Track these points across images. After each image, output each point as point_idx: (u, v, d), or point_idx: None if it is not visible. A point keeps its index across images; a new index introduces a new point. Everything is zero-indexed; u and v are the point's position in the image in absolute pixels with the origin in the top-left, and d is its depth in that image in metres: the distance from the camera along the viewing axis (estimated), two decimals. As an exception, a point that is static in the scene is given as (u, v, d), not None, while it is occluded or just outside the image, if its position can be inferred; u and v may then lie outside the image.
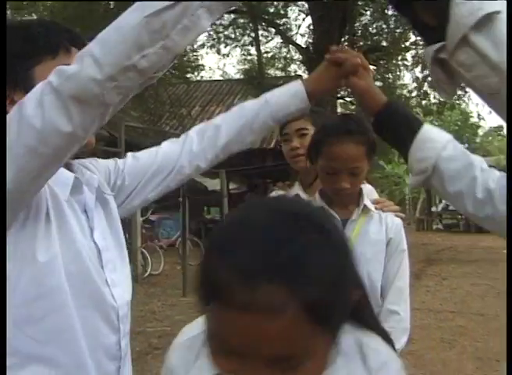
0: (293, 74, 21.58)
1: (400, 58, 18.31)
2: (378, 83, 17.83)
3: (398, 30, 16.58)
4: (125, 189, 1.67)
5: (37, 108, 1.14)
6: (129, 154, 1.72)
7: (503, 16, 0.84)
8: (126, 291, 1.50)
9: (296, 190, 2.73)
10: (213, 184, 15.91)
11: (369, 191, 2.72)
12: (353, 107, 19.58)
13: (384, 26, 17.16)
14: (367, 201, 2.33)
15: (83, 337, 1.34)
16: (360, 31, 17.63)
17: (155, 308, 8.86)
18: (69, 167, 1.48)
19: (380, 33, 17.12)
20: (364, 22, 17.62)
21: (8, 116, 1.18)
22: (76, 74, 1.12)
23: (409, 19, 1.04)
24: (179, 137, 1.74)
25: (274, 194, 2.81)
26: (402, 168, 32.74)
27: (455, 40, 0.89)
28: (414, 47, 17.20)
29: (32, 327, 1.29)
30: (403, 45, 16.47)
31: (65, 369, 1.32)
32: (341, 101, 19.69)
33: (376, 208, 2.35)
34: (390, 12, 16.56)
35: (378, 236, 2.31)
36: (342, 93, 18.76)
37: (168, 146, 1.74)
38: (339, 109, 18.94)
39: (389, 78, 17.87)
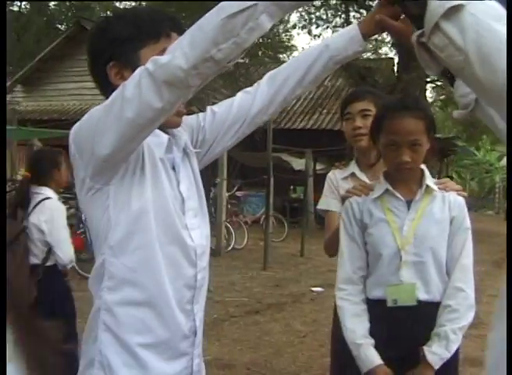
0: (383, 56, 21.46)
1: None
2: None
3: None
4: (206, 142, 1.96)
5: (135, 89, 1.45)
6: (209, 108, 1.99)
7: (468, 7, 1.06)
8: (203, 234, 1.80)
9: (352, 169, 2.85)
10: (299, 164, 16.08)
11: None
12: (443, 91, 19.27)
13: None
14: (429, 182, 2.38)
15: (165, 268, 1.67)
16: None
17: (235, 280, 9.22)
18: (164, 129, 1.79)
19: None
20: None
21: (114, 93, 1.52)
22: (167, 64, 1.41)
23: (403, 12, 1.31)
24: (251, 89, 1.98)
25: (331, 174, 2.97)
26: (493, 155, 31.87)
27: (429, 26, 1.11)
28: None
29: (126, 257, 1.64)
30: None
31: (150, 292, 1.66)
32: (431, 85, 19.43)
33: (439, 188, 2.40)
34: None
35: (441, 215, 2.35)
36: (432, 77, 18.54)
37: (241, 97, 1.98)
38: (428, 93, 18.68)
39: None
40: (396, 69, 17.87)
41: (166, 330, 1.69)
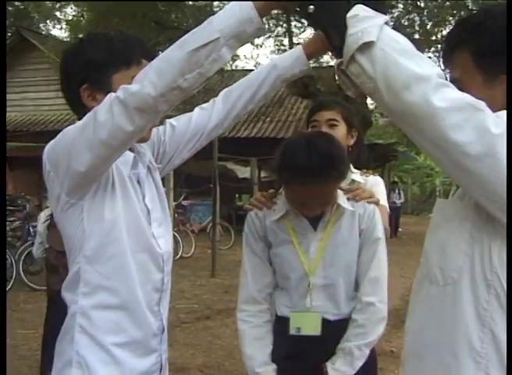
0: (325, 65, 21.81)
1: (432, 49, 18.37)
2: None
3: (430, 23, 16.65)
4: (167, 154, 2.12)
5: (107, 114, 1.59)
6: (167, 122, 2.15)
7: (379, 43, 1.28)
8: (167, 242, 1.96)
9: None
10: (243, 172, 16.26)
11: (376, 183, 2.81)
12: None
13: (416, 18, 17.24)
14: (341, 201, 2.26)
15: (136, 274, 1.82)
16: (392, 23, 17.78)
17: (184, 288, 9.36)
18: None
19: (412, 25, 17.20)
20: (396, 14, 17.74)
21: (86, 117, 1.66)
22: (138, 92, 1.55)
23: (328, 42, 1.50)
24: (207, 104, 2.17)
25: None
26: (433, 159, 32.68)
27: (347, 58, 1.34)
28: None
29: (101, 265, 1.79)
30: (434, 37, 16.53)
31: (123, 296, 1.81)
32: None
33: (349, 199, 2.29)
34: (423, 5, 16.71)
35: (350, 231, 2.26)
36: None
37: (198, 112, 2.16)
38: (369, 100, 19.07)
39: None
40: (337, 77, 18.20)
41: (138, 330, 1.84)
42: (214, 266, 10.80)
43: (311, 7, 1.50)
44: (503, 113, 1.25)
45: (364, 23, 1.32)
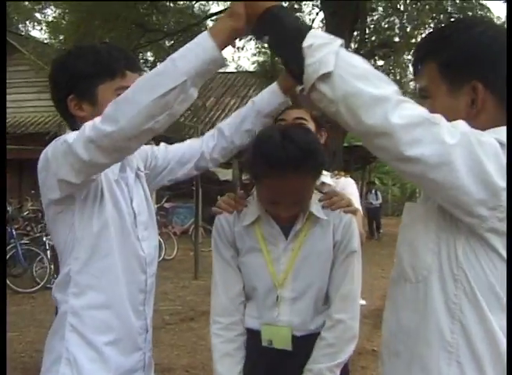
0: (306, 67, 21.92)
1: (412, 52, 18.50)
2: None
3: (410, 26, 16.78)
4: (157, 168, 2.24)
5: (84, 149, 1.67)
6: (162, 144, 2.29)
7: (337, 71, 1.36)
8: (151, 245, 2.07)
9: None
10: (225, 174, 16.30)
11: (347, 184, 2.79)
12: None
13: (396, 21, 17.36)
14: (315, 209, 2.11)
15: (122, 275, 1.93)
16: (372, 26, 17.90)
17: (167, 290, 9.40)
18: None
19: (392, 28, 17.33)
20: (376, 17, 17.86)
21: (67, 140, 1.73)
22: (110, 134, 1.61)
23: (287, 72, 1.60)
24: (199, 138, 2.31)
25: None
26: (413, 161, 32.85)
27: (308, 86, 1.42)
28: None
29: (90, 266, 1.89)
30: (414, 40, 16.66)
31: (110, 295, 1.91)
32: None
33: (324, 207, 2.14)
34: (402, 8, 16.85)
35: (324, 242, 2.12)
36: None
37: (190, 144, 2.31)
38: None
39: (396, 73, 18.07)
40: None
41: (124, 329, 1.95)
42: (196, 268, 10.84)
43: (266, 37, 1.54)
44: (459, 123, 1.35)
45: (320, 51, 1.39)
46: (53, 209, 1.89)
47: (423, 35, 16.47)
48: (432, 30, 1.72)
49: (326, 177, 2.66)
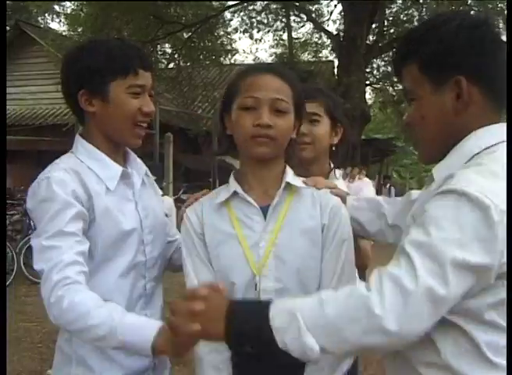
0: (324, 59, 21.85)
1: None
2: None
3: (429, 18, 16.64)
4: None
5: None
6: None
7: (319, 342, 1.33)
8: (155, 249, 2.05)
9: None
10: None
11: (364, 186, 2.60)
12: (382, 93, 19.79)
13: (415, 13, 17.26)
14: (291, 178, 1.85)
15: (122, 280, 1.95)
16: (390, 18, 17.80)
17: (182, 282, 9.35)
18: (125, 156, 2.11)
19: (410, 20, 17.22)
20: (394, 9, 17.75)
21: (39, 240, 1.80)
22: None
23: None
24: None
25: None
26: (431, 154, 32.78)
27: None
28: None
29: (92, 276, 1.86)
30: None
31: (112, 299, 1.85)
32: (371, 87, 19.93)
33: (307, 185, 1.90)
34: (421, 0, 16.73)
35: (310, 221, 1.82)
36: (371, 80, 19.00)
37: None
38: (368, 95, 19.13)
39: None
40: (336, 72, 18.25)
41: None
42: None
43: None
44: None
45: (295, 343, 1.34)
46: None
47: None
48: (407, 31, 1.70)
49: (339, 181, 2.40)
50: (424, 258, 1.29)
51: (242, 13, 19.81)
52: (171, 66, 18.80)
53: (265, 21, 20.43)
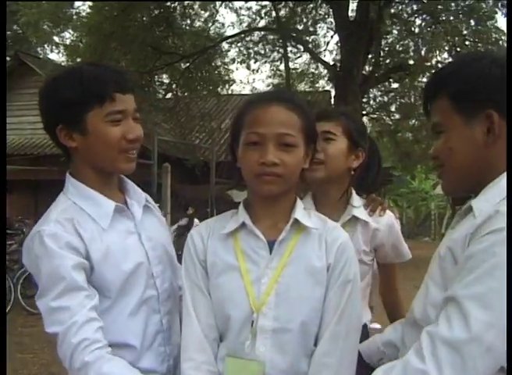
0: (321, 90, 21.97)
1: (427, 75, 18.54)
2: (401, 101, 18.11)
3: (424, 49, 16.83)
4: None
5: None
6: None
7: None
8: (166, 281, 1.96)
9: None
10: (239, 196, 16.27)
11: (394, 223, 2.46)
12: (378, 123, 19.89)
13: (411, 44, 17.42)
14: (299, 214, 1.75)
15: (133, 318, 1.86)
16: (386, 49, 17.96)
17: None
18: (122, 186, 2.02)
19: (406, 51, 17.37)
20: (390, 40, 17.91)
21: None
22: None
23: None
24: None
25: None
26: (428, 183, 32.79)
27: None
28: (439, 66, 17.42)
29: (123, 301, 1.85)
30: (429, 63, 16.70)
31: (125, 339, 1.86)
32: (367, 117, 20.01)
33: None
34: (417, 31, 16.90)
35: (316, 261, 1.72)
36: (368, 110, 19.10)
37: None
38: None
39: (411, 96, 18.07)
40: (332, 101, 18.36)
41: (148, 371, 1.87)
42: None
43: None
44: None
45: None
46: None
47: (438, 58, 16.62)
48: (438, 68, 1.74)
49: (359, 210, 2.36)
50: (479, 310, 1.29)
51: (239, 44, 20.00)
52: (169, 96, 18.94)
53: (262, 52, 20.60)
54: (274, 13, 18.71)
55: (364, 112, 18.29)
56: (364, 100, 18.41)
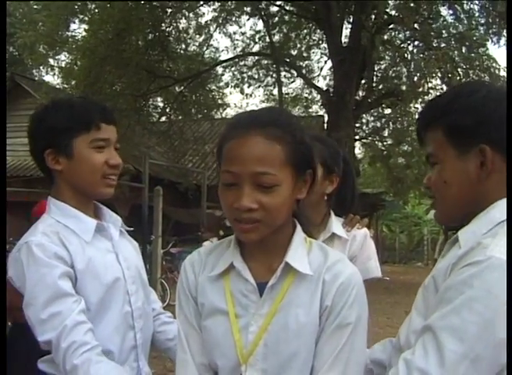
0: (314, 114, 22.10)
1: (419, 101, 18.66)
2: (394, 126, 18.19)
3: (417, 75, 16.96)
4: None
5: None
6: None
7: None
8: (139, 297, 2.08)
9: None
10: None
11: (367, 240, 2.50)
12: (371, 148, 19.96)
13: (403, 70, 17.55)
14: (292, 255, 1.54)
15: (116, 332, 1.96)
16: (379, 75, 18.09)
17: (172, 336, 9.25)
18: (97, 211, 2.15)
19: (399, 76, 17.50)
20: (383, 66, 18.05)
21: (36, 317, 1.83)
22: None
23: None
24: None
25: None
26: (421, 209, 32.79)
27: None
28: (431, 92, 17.54)
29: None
30: (421, 89, 16.82)
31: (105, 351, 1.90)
32: (360, 142, 20.11)
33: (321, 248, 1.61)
34: (409, 57, 17.04)
35: (310, 308, 1.52)
36: (360, 134, 19.19)
37: None
38: (357, 150, 19.27)
39: (404, 122, 18.18)
40: (326, 126, 18.46)
41: None
42: (201, 314, 10.75)
43: None
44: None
45: None
46: None
47: (430, 84, 16.73)
48: (432, 98, 1.75)
49: (337, 226, 2.41)
50: (454, 342, 1.30)
51: (233, 68, 20.18)
52: (162, 119, 19.00)
53: (256, 76, 20.79)
54: (268, 38, 18.89)
55: (356, 137, 18.39)
56: (357, 125, 18.51)
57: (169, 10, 16.86)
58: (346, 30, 16.82)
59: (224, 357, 1.54)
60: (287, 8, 18.25)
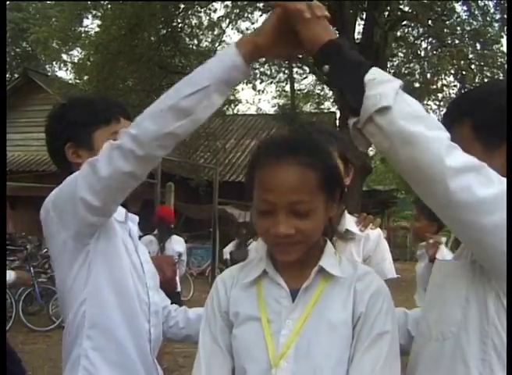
0: (326, 111, 22.07)
1: (432, 98, 18.58)
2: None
3: (430, 72, 16.89)
4: None
5: (107, 159, 1.70)
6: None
7: (395, 106, 1.34)
8: (155, 295, 2.09)
9: None
10: (242, 216, 16.30)
11: (381, 240, 2.48)
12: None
13: (416, 67, 17.49)
14: (326, 262, 1.58)
15: (125, 323, 1.94)
16: (392, 72, 18.02)
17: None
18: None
19: (412, 73, 17.44)
20: (396, 63, 17.99)
21: (79, 172, 1.80)
22: (135, 137, 1.64)
23: (345, 105, 1.51)
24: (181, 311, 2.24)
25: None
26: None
27: (364, 118, 1.39)
28: (445, 89, 17.46)
29: (104, 308, 1.92)
30: (434, 86, 16.74)
31: (120, 336, 1.93)
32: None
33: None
34: (423, 54, 16.98)
35: (342, 312, 1.53)
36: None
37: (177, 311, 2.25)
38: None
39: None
40: (337, 123, 18.42)
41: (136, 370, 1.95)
42: (212, 310, 10.75)
43: (327, 67, 1.49)
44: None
45: (381, 86, 1.38)
46: (68, 249, 1.89)
47: (443, 81, 16.65)
48: (464, 92, 1.73)
49: (351, 223, 2.41)
50: None
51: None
52: (175, 115, 19.01)
53: (268, 72, 20.73)
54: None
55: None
56: (370, 122, 18.43)
57: (182, 6, 16.86)
58: (359, 27, 16.75)
59: (254, 361, 1.52)
60: (300, 4, 18.15)
